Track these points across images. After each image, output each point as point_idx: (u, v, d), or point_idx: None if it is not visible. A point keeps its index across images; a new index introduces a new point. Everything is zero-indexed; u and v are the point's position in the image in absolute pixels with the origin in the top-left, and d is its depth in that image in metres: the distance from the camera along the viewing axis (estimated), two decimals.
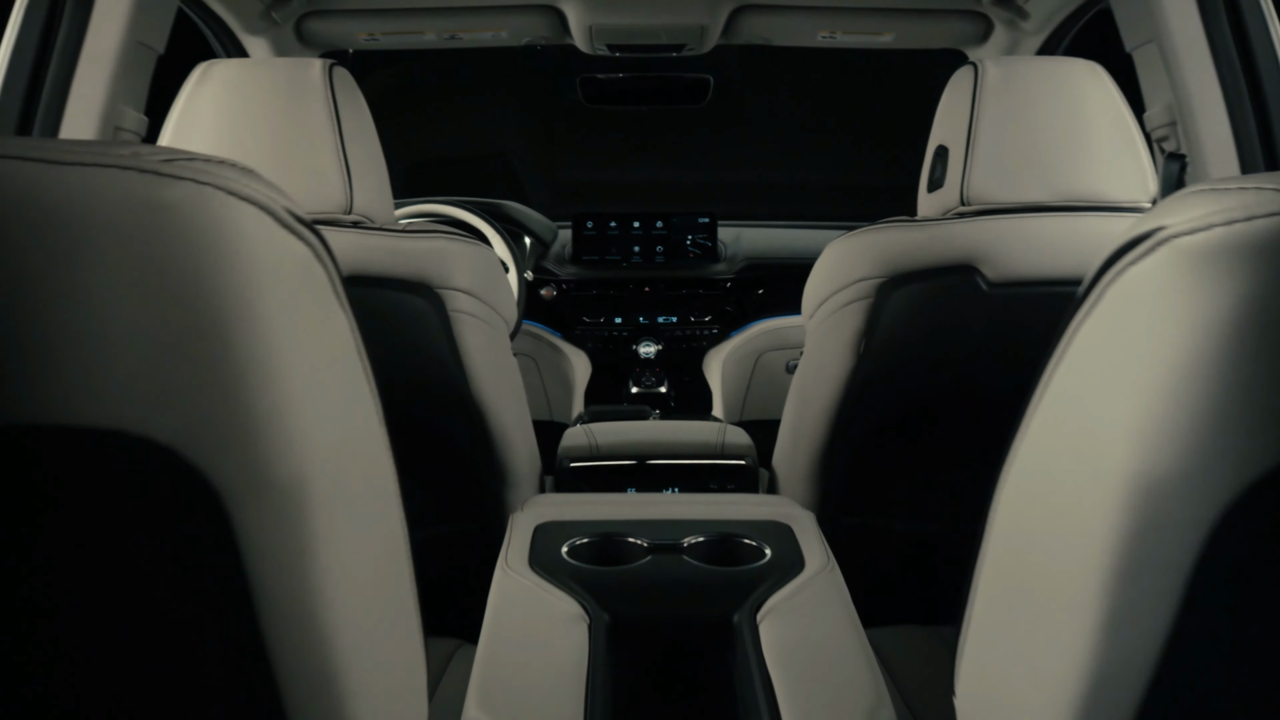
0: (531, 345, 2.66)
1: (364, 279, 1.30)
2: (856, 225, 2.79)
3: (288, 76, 1.29)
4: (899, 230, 1.37)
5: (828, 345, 1.45)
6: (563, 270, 2.61)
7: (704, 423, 1.97)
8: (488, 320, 1.41)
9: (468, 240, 1.38)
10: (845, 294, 1.41)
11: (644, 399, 2.48)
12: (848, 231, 2.70)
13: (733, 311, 2.61)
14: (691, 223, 2.61)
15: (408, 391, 1.38)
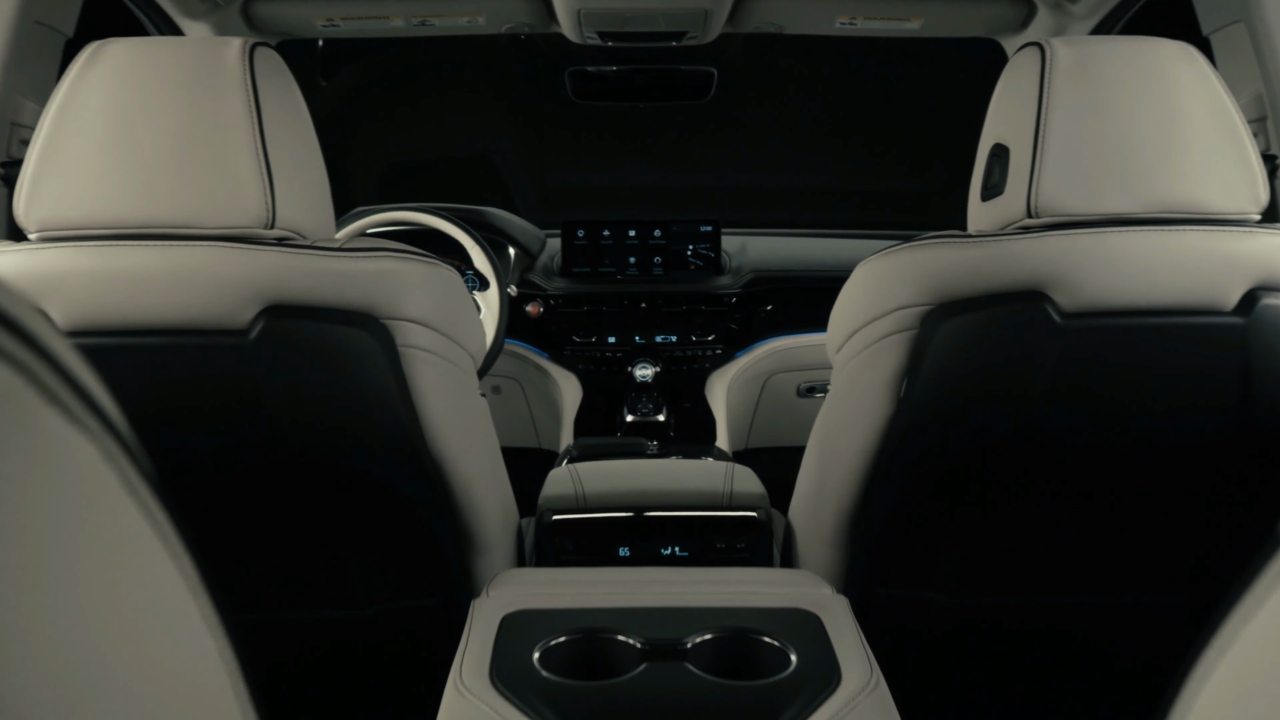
0: (516, 367, 2.41)
1: (290, 309, 1.05)
2: (873, 234, 2.56)
3: (196, 58, 1.04)
4: (949, 247, 1.12)
5: (860, 386, 1.20)
6: (551, 284, 2.36)
7: (707, 463, 1.72)
8: (448, 356, 1.16)
9: (424, 260, 1.13)
10: (882, 324, 1.17)
11: (640, 428, 2.23)
12: (864, 240, 2.45)
13: (738, 330, 2.36)
14: (692, 231, 2.37)
15: (347, 443, 1.13)
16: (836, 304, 1.28)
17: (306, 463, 1.13)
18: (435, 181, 3.01)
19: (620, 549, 1.46)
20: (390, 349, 1.09)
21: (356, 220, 2.16)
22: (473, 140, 2.95)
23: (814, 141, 2.98)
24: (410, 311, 1.11)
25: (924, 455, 1.18)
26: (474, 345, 1.23)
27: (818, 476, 1.32)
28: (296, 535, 1.22)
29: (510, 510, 1.41)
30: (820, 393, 2.49)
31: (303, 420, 1.09)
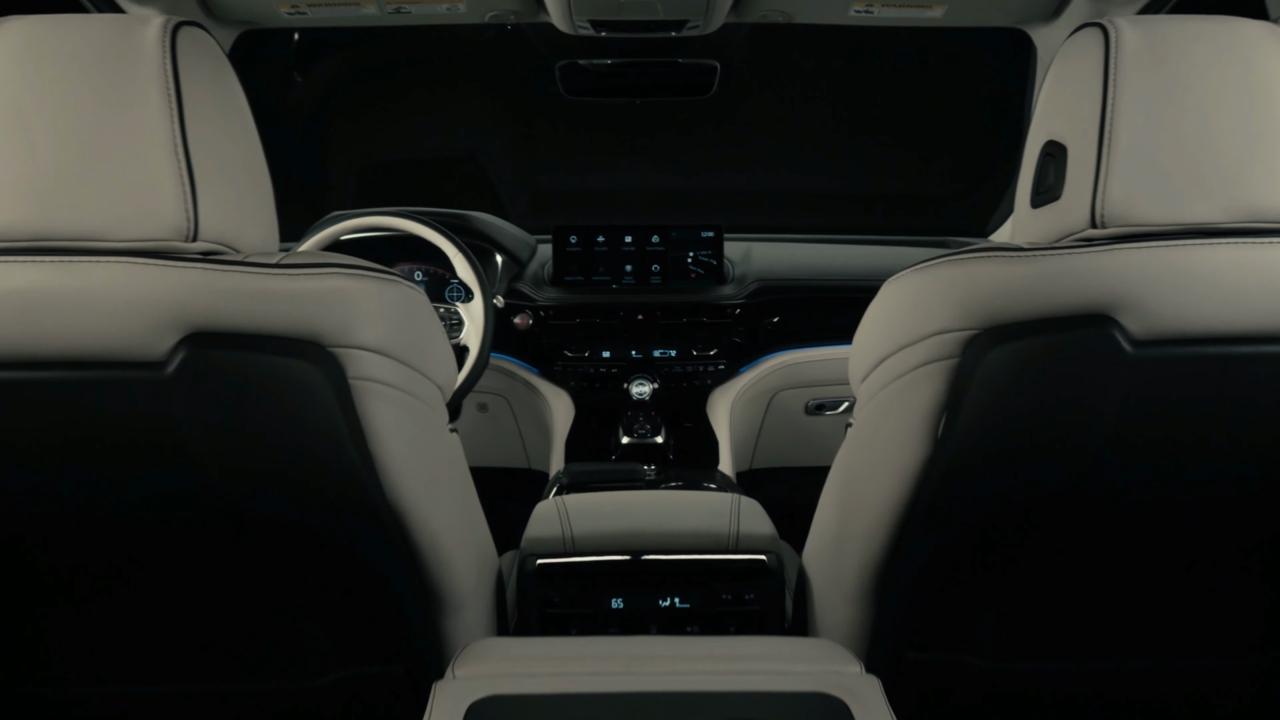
0: (504, 384, 2.24)
1: (217, 336, 0.88)
2: (887, 240, 2.39)
3: (105, 38, 0.88)
4: (997, 262, 0.95)
5: (889, 423, 1.03)
6: (541, 294, 2.19)
7: (710, 496, 1.56)
8: (409, 389, 0.99)
9: (380, 276, 0.97)
10: (916, 352, 1.00)
11: (637, 451, 2.06)
12: (877, 246, 2.27)
13: (742, 343, 2.19)
14: (693, 237, 2.19)
15: (288, 493, 0.96)
16: (861, 327, 1.11)
17: (240, 516, 0.96)
18: (418, 184, 2.84)
19: (613, 600, 1.29)
20: (339, 382, 0.92)
21: (330, 226, 1.99)
22: (458, 140, 2.78)
23: (823, 141, 2.81)
24: (363, 338, 0.94)
25: (965, 505, 1.01)
26: (441, 375, 1.06)
27: (838, 523, 1.15)
28: (234, 597, 1.06)
29: (488, 560, 1.24)
30: (830, 410, 2.32)
31: (233, 468, 0.92)
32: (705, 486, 1.88)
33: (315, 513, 0.97)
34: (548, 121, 2.78)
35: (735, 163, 2.86)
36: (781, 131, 2.80)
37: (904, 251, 2.45)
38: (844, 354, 2.24)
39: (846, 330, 2.23)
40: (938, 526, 1.03)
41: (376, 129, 2.75)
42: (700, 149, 2.84)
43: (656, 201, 2.89)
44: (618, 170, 2.84)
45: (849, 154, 2.83)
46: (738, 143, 2.83)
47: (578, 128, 2.78)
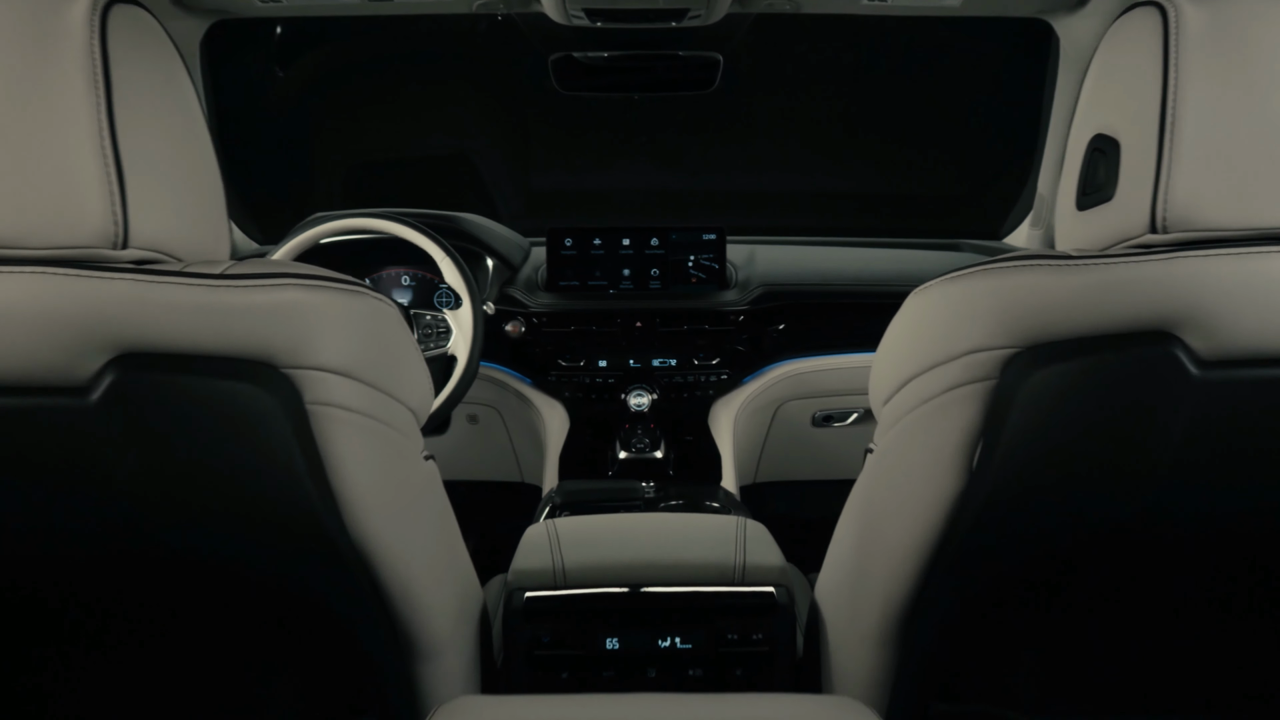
0: (494, 394, 2.13)
1: (151, 357, 0.77)
2: (897, 242, 2.28)
3: (27, 15, 0.76)
4: (1041, 272, 0.84)
5: (917, 451, 0.92)
6: (534, 300, 2.08)
7: (714, 520, 1.44)
8: (376, 414, 0.88)
9: (343, 288, 0.85)
10: (948, 372, 0.89)
11: (635, 466, 1.95)
12: (887, 250, 2.15)
13: (745, 351, 2.08)
14: (694, 240, 2.08)
15: (234, 533, 0.85)
16: (884, 343, 1.00)
17: (184, 558, 0.85)
18: (407, 184, 2.72)
19: (608, 640, 1.18)
20: (295, 408, 0.81)
21: (312, 228, 1.88)
22: (448, 138, 2.67)
23: (830, 139, 2.70)
24: (323, 357, 0.83)
25: (1003, 544, 0.90)
26: (415, 397, 0.95)
27: (857, 558, 1.04)
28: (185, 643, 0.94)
29: (469, 598, 1.13)
30: (838, 422, 2.21)
31: (173, 506, 0.81)
32: (708, 505, 1.77)
33: (268, 555, 0.86)
34: (542, 119, 2.67)
35: (739, 162, 2.74)
36: (787, 129, 2.69)
37: (914, 255, 2.35)
38: (853, 363, 2.16)
39: (855, 338, 2.15)
40: (971, 566, 0.91)
41: (362, 127, 2.64)
42: (702, 147, 2.72)
43: (656, 202, 2.78)
44: (615, 169, 2.72)
45: (857, 153, 2.71)
46: (741, 140, 2.71)
47: (573, 125, 2.66)
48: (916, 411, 0.92)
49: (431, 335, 1.87)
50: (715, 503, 1.79)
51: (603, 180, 2.73)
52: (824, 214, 2.74)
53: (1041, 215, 2.21)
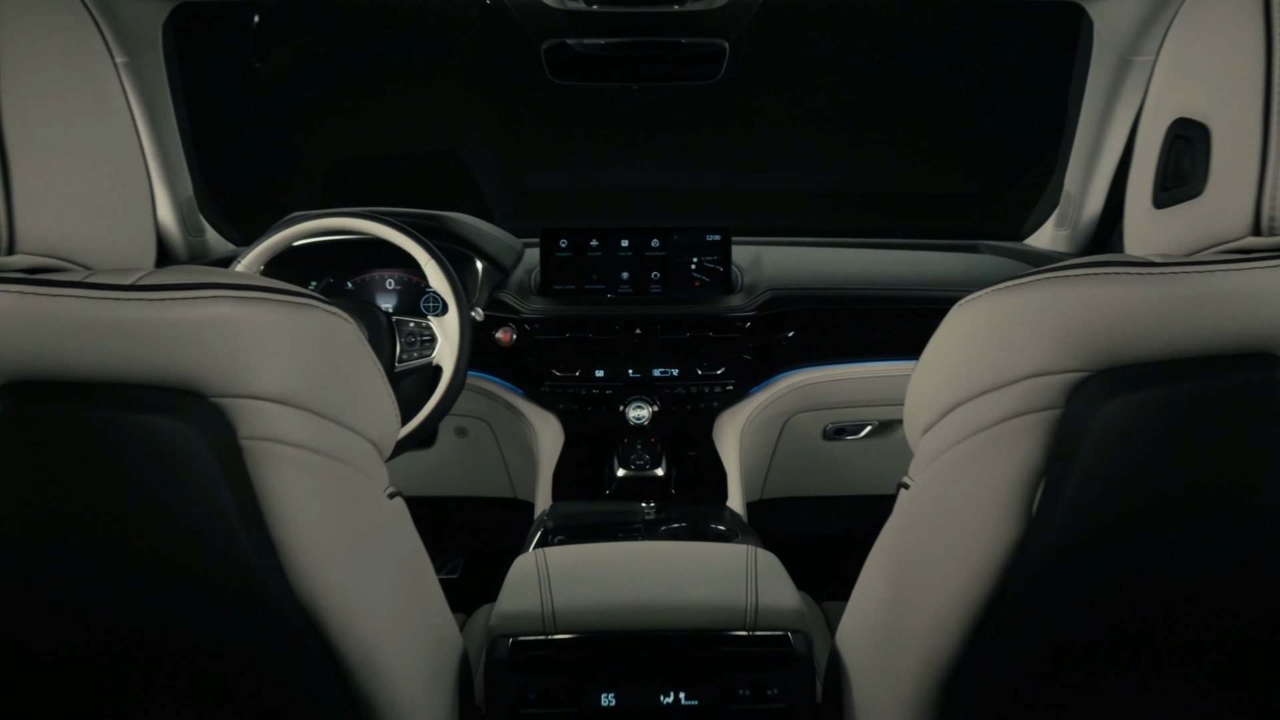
0: (484, 406, 1.99)
1: (46, 387, 0.63)
2: (912, 243, 2.14)
3: None
4: (1116, 281, 0.71)
5: (965, 491, 0.78)
6: (526, 305, 1.94)
7: (720, 551, 1.31)
8: (328, 449, 0.75)
9: (285, 299, 0.72)
10: (1003, 399, 0.75)
11: (634, 485, 1.81)
12: (903, 251, 2.00)
13: (752, 360, 1.94)
14: (697, 241, 1.95)
15: (160, 592, 0.71)
16: (923, 362, 0.86)
17: (91, 625, 0.71)
18: (393, 182, 2.58)
19: (603, 696, 1.04)
20: (225, 444, 0.68)
21: (287, 229, 1.74)
22: (437, 133, 2.53)
23: (842, 134, 2.55)
24: (261, 383, 0.69)
25: (1069, 602, 0.77)
26: (376, 427, 0.82)
27: (891, 609, 0.90)
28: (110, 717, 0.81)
29: (445, 653, 0.99)
30: (851, 435, 2.08)
31: (73, 562, 0.67)
32: (713, 529, 1.64)
33: (196, 621, 0.72)
34: (536, 113, 2.53)
35: (744, 158, 2.59)
36: (795, 123, 2.54)
37: (930, 257, 2.21)
38: (867, 372, 2.02)
39: (869, 345, 2.01)
40: (1028, 626, 0.78)
41: (346, 121, 2.50)
42: (705, 142, 2.57)
43: (656, 201, 2.64)
44: (613, 166, 2.58)
45: (868, 149, 2.57)
46: (747, 135, 2.56)
47: (569, 119, 2.52)
48: (963, 445, 0.78)
49: (415, 343, 1.73)
50: (721, 525, 1.65)
51: (600, 178, 2.59)
52: (834, 213, 2.60)
53: (1068, 214, 2.08)
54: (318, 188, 2.54)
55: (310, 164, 2.52)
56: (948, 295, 1.99)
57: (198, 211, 2.04)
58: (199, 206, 2.05)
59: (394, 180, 2.57)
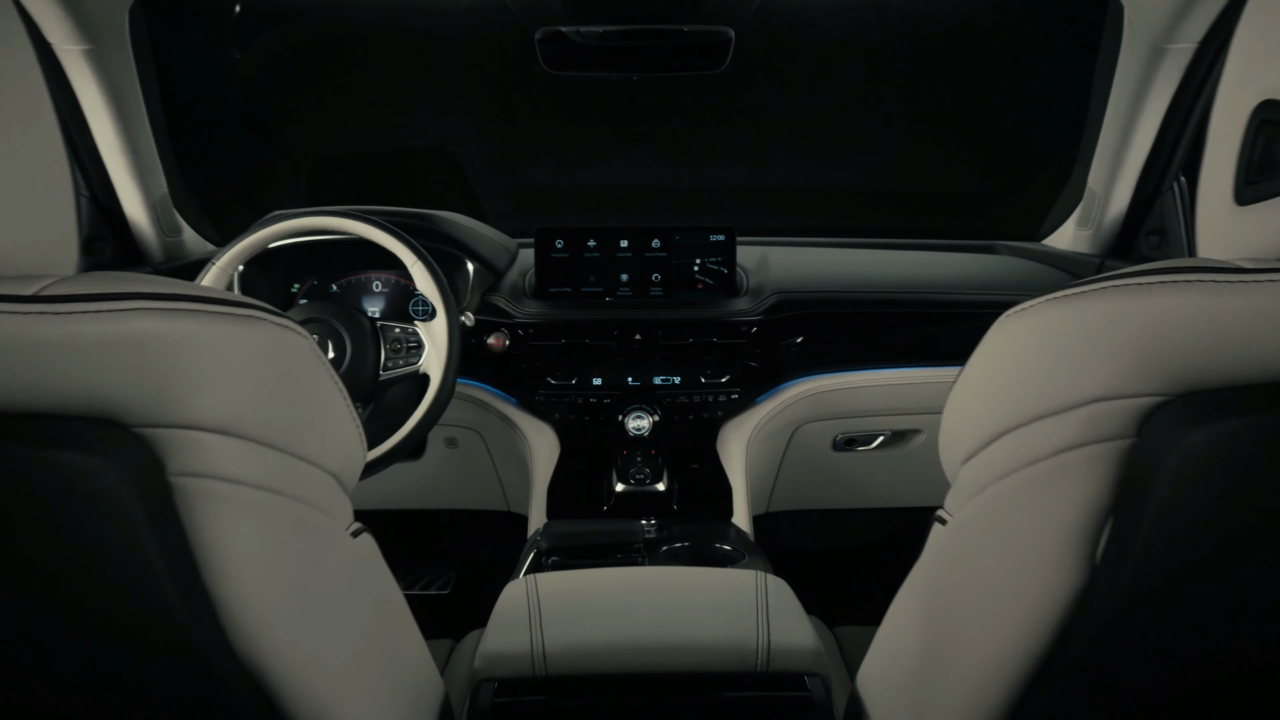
0: (475, 416, 1.89)
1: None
2: (928, 244, 2.04)
3: None
4: (1197, 291, 0.60)
5: (1016, 532, 0.68)
6: (520, 309, 1.84)
7: (727, 579, 1.20)
8: (276, 485, 0.64)
9: (226, 311, 0.61)
10: (1060, 427, 0.65)
11: (634, 500, 1.70)
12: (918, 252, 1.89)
13: (759, 368, 1.84)
14: (700, 241, 1.84)
15: (77, 652, 0.61)
16: (964, 382, 0.76)
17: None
18: (381, 179, 2.47)
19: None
20: (151, 483, 0.57)
21: (267, 227, 1.64)
22: (428, 128, 2.42)
23: (852, 130, 2.44)
24: (196, 411, 0.59)
25: (1142, 662, 0.66)
26: (336, 456, 0.71)
27: (925, 659, 0.80)
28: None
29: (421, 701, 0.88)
30: (862, 446, 1.97)
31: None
32: (718, 548, 1.54)
33: (117, 678, 0.62)
34: (531, 106, 2.42)
35: (750, 154, 2.48)
36: (804, 117, 2.43)
37: (945, 258, 2.11)
38: (879, 380, 1.92)
39: (881, 351, 1.90)
40: (1091, 692, 0.67)
41: (331, 116, 2.39)
42: (709, 137, 2.46)
43: (657, 199, 2.53)
44: (612, 163, 2.47)
45: (881, 144, 2.46)
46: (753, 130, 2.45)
47: (566, 113, 2.41)
48: (1013, 478, 0.67)
49: (401, 350, 1.63)
50: (726, 545, 1.55)
51: (599, 175, 2.48)
52: (843, 213, 2.49)
53: (1091, 213, 1.97)
54: (302, 184, 2.43)
55: (294, 160, 2.41)
56: (966, 298, 1.93)
57: (173, 209, 1.94)
58: (175, 204, 1.95)
59: (382, 177, 2.46)
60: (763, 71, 2.32)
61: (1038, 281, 1.96)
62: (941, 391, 1.88)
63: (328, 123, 2.38)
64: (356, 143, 2.42)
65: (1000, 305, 0.74)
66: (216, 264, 1.60)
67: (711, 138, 2.43)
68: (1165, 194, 1.85)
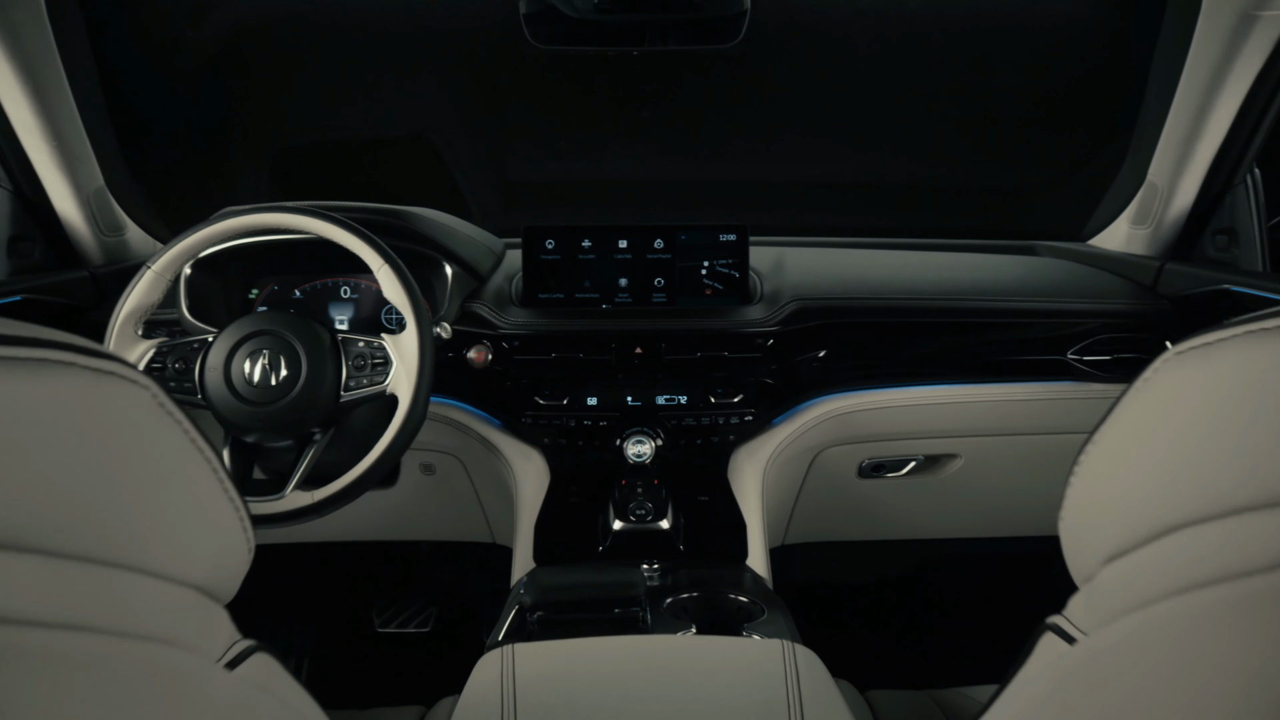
0: (454, 440, 1.67)
1: None
2: (961, 244, 1.77)
3: None
4: None
5: (1204, 678, 0.45)
6: (505, 318, 1.62)
7: (748, 654, 0.98)
8: (88, 619, 0.41)
9: (4, 354, 0.38)
10: (1272, 527, 0.42)
11: (634, 540, 1.49)
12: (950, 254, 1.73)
13: (776, 385, 1.63)
14: (709, 241, 1.64)
15: None
16: (1104, 442, 0.54)
17: None
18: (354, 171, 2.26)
19: None
20: None
21: (213, 225, 1.42)
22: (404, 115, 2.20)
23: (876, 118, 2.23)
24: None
25: None
26: (196, 561, 0.49)
27: None
28: None
29: None
30: (891, 472, 1.76)
31: None
32: (733, 600, 1.33)
33: None
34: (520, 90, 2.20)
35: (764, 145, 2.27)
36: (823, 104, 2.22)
37: (981, 260, 1.90)
38: (911, 399, 1.69)
39: (913, 366, 1.68)
40: None
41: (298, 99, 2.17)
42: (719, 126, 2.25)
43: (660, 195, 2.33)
44: (611, 153, 2.26)
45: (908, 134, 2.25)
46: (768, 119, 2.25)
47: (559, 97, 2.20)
48: (1201, 596, 0.45)
49: (365, 368, 1.41)
50: (742, 595, 1.34)
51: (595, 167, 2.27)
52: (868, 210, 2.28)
53: (1151, 209, 1.75)
54: (264, 177, 2.21)
55: (256, 149, 2.19)
56: (1009, 305, 1.71)
57: (114, 205, 1.72)
58: (118, 199, 1.73)
59: (356, 169, 2.26)
60: (779, 51, 2.11)
61: (1089, 287, 1.75)
62: (982, 412, 1.70)
63: (293, 108, 2.16)
64: (326, 130, 2.21)
65: (1048, 314, 0.53)
66: (151, 268, 1.39)
67: (721, 126, 2.23)
68: (1237, 187, 1.64)
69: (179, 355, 1.39)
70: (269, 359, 1.36)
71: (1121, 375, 1.64)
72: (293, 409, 1.34)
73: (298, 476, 1.36)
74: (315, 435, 1.40)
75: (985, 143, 2.23)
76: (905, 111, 2.21)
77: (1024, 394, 1.64)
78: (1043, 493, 1.80)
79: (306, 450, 1.39)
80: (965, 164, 2.26)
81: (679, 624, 1.24)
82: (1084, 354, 1.64)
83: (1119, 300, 1.68)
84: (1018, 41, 2.16)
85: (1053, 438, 1.69)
